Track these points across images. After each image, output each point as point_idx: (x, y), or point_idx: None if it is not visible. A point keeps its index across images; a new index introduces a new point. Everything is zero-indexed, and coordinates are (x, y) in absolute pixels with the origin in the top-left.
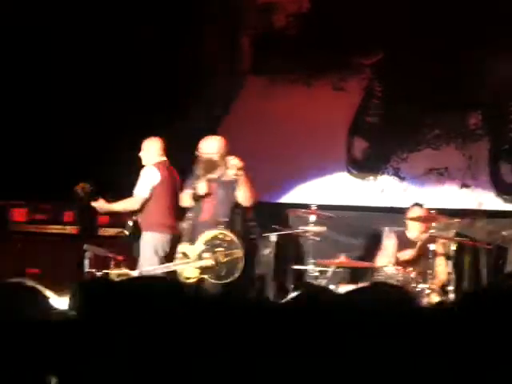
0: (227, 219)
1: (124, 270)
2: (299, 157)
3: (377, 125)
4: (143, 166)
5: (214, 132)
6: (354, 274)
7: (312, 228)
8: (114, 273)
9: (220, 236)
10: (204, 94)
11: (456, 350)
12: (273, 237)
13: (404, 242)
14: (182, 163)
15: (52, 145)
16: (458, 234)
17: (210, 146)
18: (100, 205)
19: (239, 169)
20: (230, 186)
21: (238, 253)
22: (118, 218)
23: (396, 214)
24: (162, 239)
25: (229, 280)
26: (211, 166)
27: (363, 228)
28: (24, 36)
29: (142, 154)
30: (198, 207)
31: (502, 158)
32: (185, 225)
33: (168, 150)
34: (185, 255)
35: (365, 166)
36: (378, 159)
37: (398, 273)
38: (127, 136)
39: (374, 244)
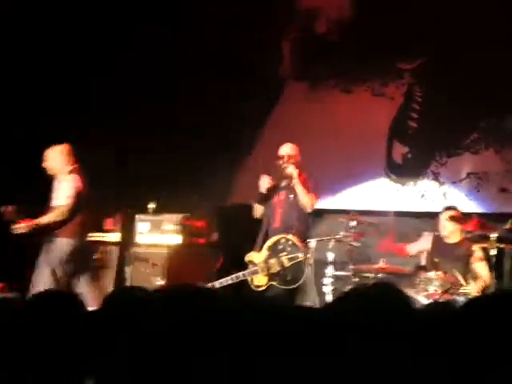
0: (296, 225)
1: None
2: (339, 163)
3: (416, 129)
4: (54, 175)
5: (253, 138)
6: (394, 279)
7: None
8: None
9: (282, 240)
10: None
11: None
12: (312, 242)
13: (442, 246)
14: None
15: None
16: (498, 239)
17: (292, 151)
18: (23, 226)
19: (294, 175)
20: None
21: (301, 256)
22: None
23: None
24: (73, 245)
25: (296, 285)
26: (282, 172)
27: (403, 233)
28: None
29: (49, 164)
30: (271, 215)
31: None
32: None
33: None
34: (252, 263)
35: (404, 170)
36: (418, 164)
37: (437, 277)
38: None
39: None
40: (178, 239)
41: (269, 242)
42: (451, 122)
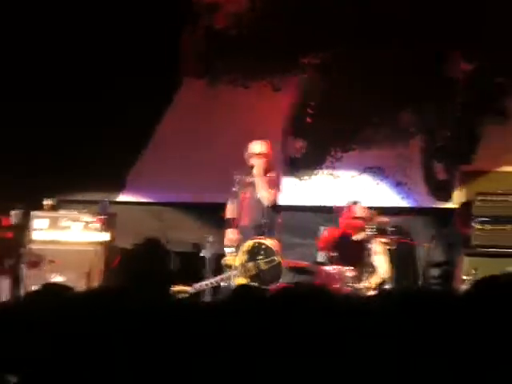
0: (266, 222)
1: (182, 287)
2: (238, 158)
3: (313, 125)
4: None
5: (151, 134)
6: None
7: None
8: (175, 289)
9: (256, 245)
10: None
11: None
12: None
13: (342, 241)
14: None
15: None
16: (394, 232)
17: (264, 149)
18: None
19: (255, 171)
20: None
21: (277, 259)
22: None
23: (332, 214)
24: None
25: (276, 284)
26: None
27: (300, 228)
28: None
29: None
30: (239, 213)
31: (435, 155)
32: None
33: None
34: (228, 267)
35: (301, 165)
36: (314, 159)
37: (335, 271)
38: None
39: (311, 243)
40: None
41: (245, 247)
42: (348, 117)
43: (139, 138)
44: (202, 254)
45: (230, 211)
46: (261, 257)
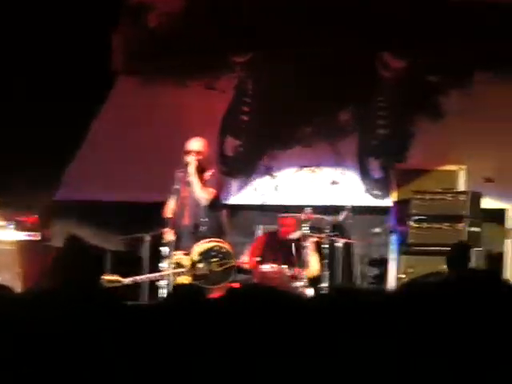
0: (207, 221)
1: (115, 277)
2: (172, 157)
3: (248, 123)
4: None
5: (85, 133)
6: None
7: None
8: (106, 278)
9: (216, 248)
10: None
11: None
12: None
13: (277, 241)
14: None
15: None
16: (330, 231)
17: (201, 147)
18: None
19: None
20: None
21: (233, 262)
22: None
23: (269, 212)
24: None
25: (220, 285)
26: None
27: (240, 227)
28: None
29: None
30: (180, 212)
31: (371, 153)
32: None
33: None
34: (179, 265)
35: (236, 164)
36: (250, 157)
37: (273, 271)
38: None
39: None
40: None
41: (201, 248)
42: (284, 115)
43: (74, 137)
44: (139, 255)
45: (169, 210)
46: (216, 259)
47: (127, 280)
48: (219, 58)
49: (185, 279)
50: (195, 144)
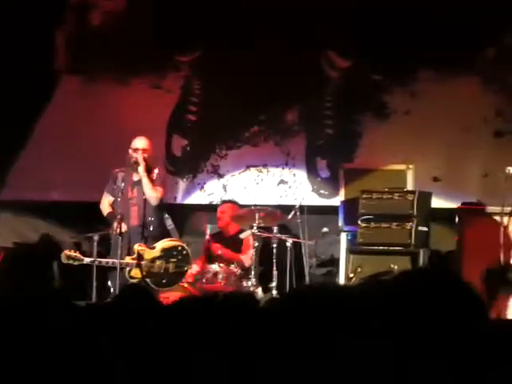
0: (153, 221)
1: (77, 254)
2: (117, 157)
3: (195, 122)
4: None
5: (29, 132)
6: None
7: None
8: (67, 254)
9: (179, 248)
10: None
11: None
12: None
13: (224, 239)
14: None
15: None
16: (279, 230)
17: (147, 145)
18: None
19: (140, 168)
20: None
21: (187, 268)
22: None
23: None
24: None
25: (165, 289)
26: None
27: (188, 226)
28: None
29: None
30: (125, 212)
31: (318, 153)
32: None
33: None
34: (139, 256)
35: (184, 164)
36: (197, 157)
37: (221, 270)
38: None
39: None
40: None
41: (165, 245)
42: (231, 115)
43: (18, 137)
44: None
45: (105, 207)
46: (175, 260)
47: (87, 260)
48: (164, 57)
49: (138, 272)
50: (141, 142)
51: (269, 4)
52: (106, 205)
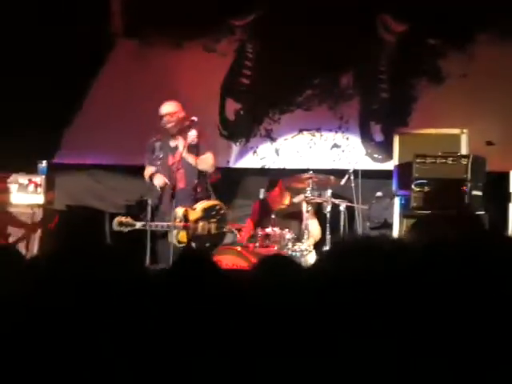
0: (201, 183)
1: (129, 219)
2: None
3: (249, 86)
4: None
5: (84, 95)
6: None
7: None
8: (118, 220)
9: (217, 207)
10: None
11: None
12: None
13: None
14: None
15: None
16: (332, 194)
17: (173, 109)
18: None
19: (180, 149)
20: (192, 149)
21: (226, 229)
22: None
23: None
24: None
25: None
26: (167, 131)
27: (242, 190)
28: None
29: None
30: (170, 178)
31: (372, 117)
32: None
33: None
34: (185, 218)
35: (237, 127)
36: (250, 120)
37: (273, 234)
38: None
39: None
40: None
41: (205, 204)
42: (285, 79)
43: (73, 99)
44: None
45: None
46: (214, 220)
47: (139, 224)
48: (218, 21)
49: (184, 236)
50: (165, 107)
51: None
52: (148, 173)
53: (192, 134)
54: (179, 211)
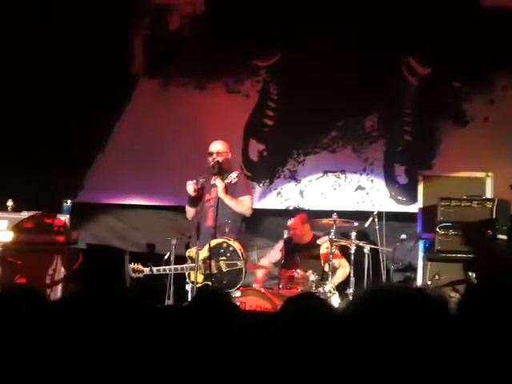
0: (229, 224)
1: (139, 266)
2: (194, 160)
3: (273, 127)
4: None
5: (107, 134)
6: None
7: None
8: (131, 267)
9: (224, 245)
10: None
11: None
12: None
13: (299, 246)
14: None
15: None
16: (356, 236)
17: (222, 148)
18: None
19: (219, 189)
20: (230, 190)
21: (240, 264)
22: None
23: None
24: None
25: (232, 290)
26: (212, 169)
27: (265, 230)
28: None
29: None
30: (203, 214)
31: (396, 160)
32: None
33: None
34: (191, 260)
35: (260, 168)
36: (274, 161)
37: (297, 276)
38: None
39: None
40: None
41: (211, 243)
42: (309, 120)
43: (97, 139)
44: (165, 257)
45: (190, 214)
46: (224, 258)
47: (146, 270)
48: (242, 62)
49: (197, 276)
50: (215, 145)
51: (349, 10)
52: (190, 212)
53: (232, 175)
54: (191, 252)
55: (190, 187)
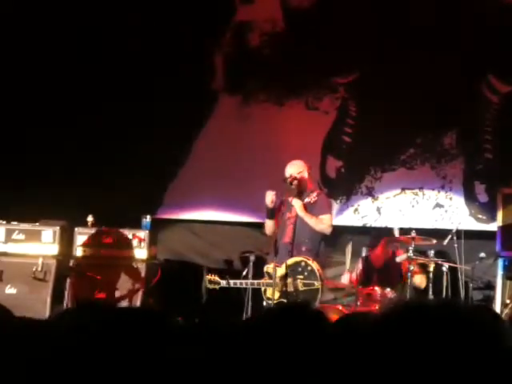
0: (307, 242)
1: (215, 277)
2: (273, 176)
3: (351, 144)
4: None
5: (187, 152)
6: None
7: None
8: (207, 278)
9: (302, 264)
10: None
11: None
12: None
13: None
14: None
15: None
16: (435, 254)
17: (295, 171)
18: None
19: (297, 210)
20: (310, 209)
21: (317, 284)
22: None
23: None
24: None
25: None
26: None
27: (342, 248)
28: None
29: None
30: (282, 231)
31: (477, 177)
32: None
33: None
34: (269, 276)
35: (338, 185)
36: (352, 178)
37: (376, 293)
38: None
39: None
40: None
41: (289, 261)
42: (387, 137)
43: (177, 156)
44: (244, 273)
45: (269, 228)
46: (301, 276)
47: (223, 282)
48: (320, 79)
49: (273, 293)
50: (289, 169)
51: (430, 24)
52: (268, 226)
53: (313, 195)
54: (269, 268)
55: (269, 197)
